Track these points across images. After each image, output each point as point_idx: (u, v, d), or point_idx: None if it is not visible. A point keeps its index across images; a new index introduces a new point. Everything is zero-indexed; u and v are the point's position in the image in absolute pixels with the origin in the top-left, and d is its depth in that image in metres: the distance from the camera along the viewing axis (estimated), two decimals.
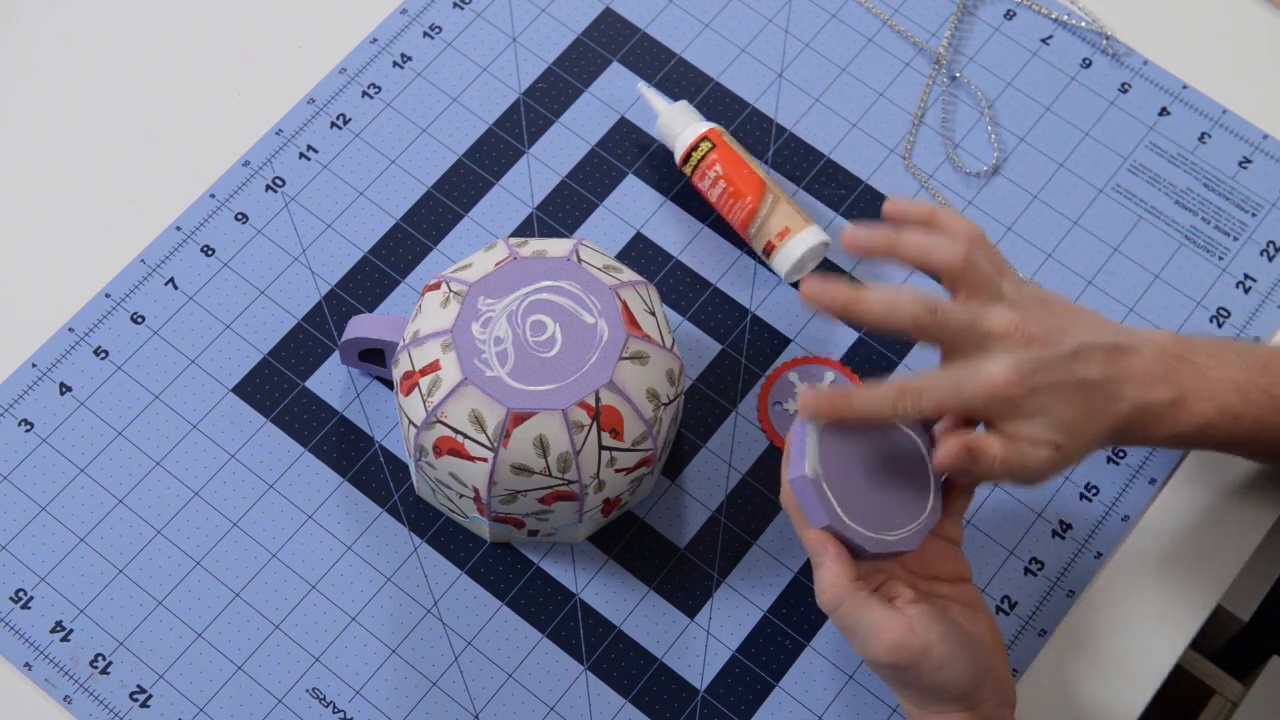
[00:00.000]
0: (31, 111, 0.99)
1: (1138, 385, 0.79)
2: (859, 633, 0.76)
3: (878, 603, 0.75)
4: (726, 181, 0.94)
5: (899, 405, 0.76)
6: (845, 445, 0.78)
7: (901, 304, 0.77)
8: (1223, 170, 0.99)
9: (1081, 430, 0.78)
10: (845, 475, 0.77)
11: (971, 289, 0.79)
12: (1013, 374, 0.76)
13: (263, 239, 0.96)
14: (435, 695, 0.86)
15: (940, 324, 0.77)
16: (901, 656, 0.75)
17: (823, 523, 0.76)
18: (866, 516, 0.77)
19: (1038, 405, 0.77)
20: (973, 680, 0.76)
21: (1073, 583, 0.90)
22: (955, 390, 0.77)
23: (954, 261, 0.78)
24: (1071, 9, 1.04)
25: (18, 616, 0.87)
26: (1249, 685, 0.98)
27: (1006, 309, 0.78)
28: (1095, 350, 0.78)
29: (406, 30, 1.01)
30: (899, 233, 0.79)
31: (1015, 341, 0.77)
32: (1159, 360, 0.80)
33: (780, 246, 0.93)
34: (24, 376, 0.92)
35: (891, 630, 0.75)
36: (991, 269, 0.79)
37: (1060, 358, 0.77)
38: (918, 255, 0.79)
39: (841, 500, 0.77)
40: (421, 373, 0.82)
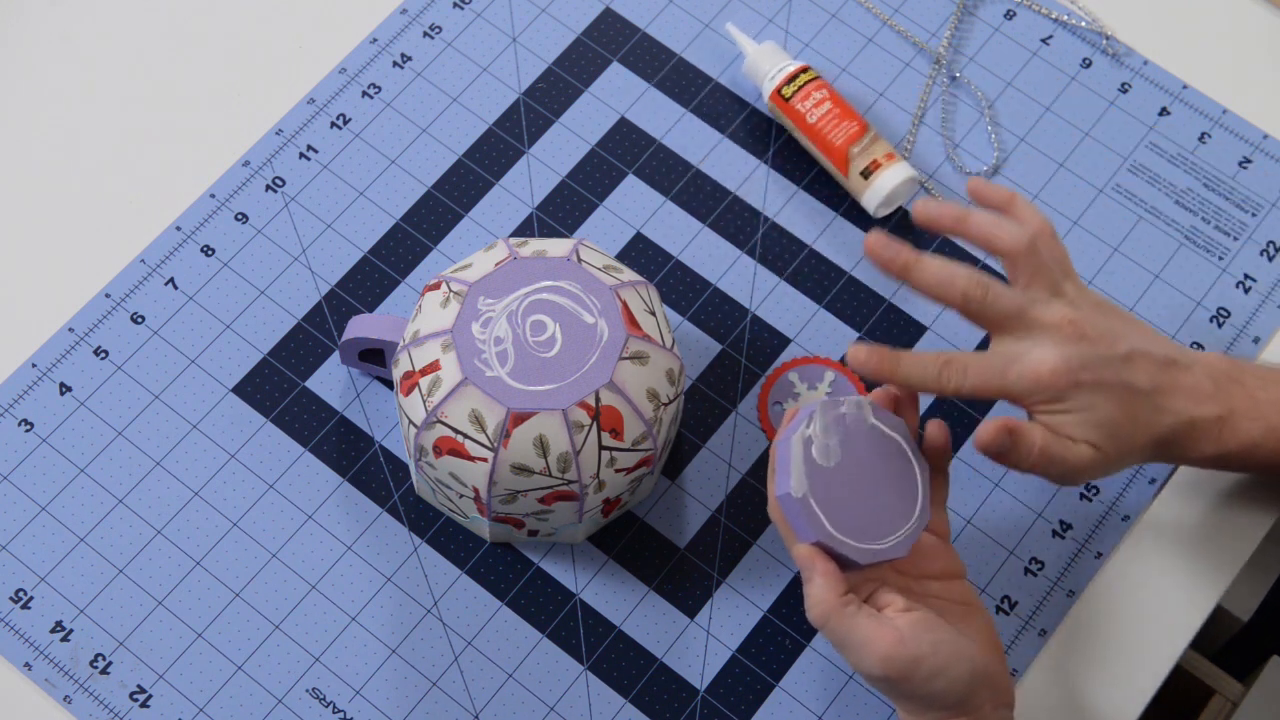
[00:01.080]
0: (31, 111, 0.99)
1: (1185, 399, 0.80)
2: (849, 647, 0.76)
3: (866, 616, 0.75)
4: (833, 104, 0.96)
5: (943, 376, 0.77)
6: (830, 456, 0.78)
7: (956, 278, 0.78)
8: (1223, 170, 0.99)
9: (1123, 436, 0.78)
10: (831, 487, 0.78)
11: (1031, 277, 0.79)
12: (1060, 363, 0.77)
13: (263, 239, 0.96)
14: (435, 695, 0.86)
15: (990, 303, 0.78)
16: (892, 669, 0.75)
17: (811, 539, 0.77)
18: (855, 527, 0.77)
19: (1080, 401, 0.77)
20: (967, 687, 0.75)
21: (1073, 583, 0.90)
22: (1001, 371, 0.77)
23: (1017, 246, 0.79)
24: (1071, 9, 1.04)
25: (18, 616, 0.87)
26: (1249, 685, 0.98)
27: (1063, 304, 0.79)
28: (1147, 358, 0.79)
29: (406, 30, 1.01)
30: (969, 212, 0.80)
31: (1067, 335, 0.78)
32: (1209, 378, 0.81)
33: (885, 168, 0.95)
34: (24, 376, 0.92)
35: (881, 643, 0.74)
36: (1055, 266, 0.80)
37: (1110, 358, 0.78)
38: (983, 235, 0.80)
39: (829, 513, 0.77)
40: (421, 373, 0.82)
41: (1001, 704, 0.78)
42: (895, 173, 0.95)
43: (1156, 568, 0.90)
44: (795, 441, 0.78)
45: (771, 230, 0.97)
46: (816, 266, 0.96)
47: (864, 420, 0.79)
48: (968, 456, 0.92)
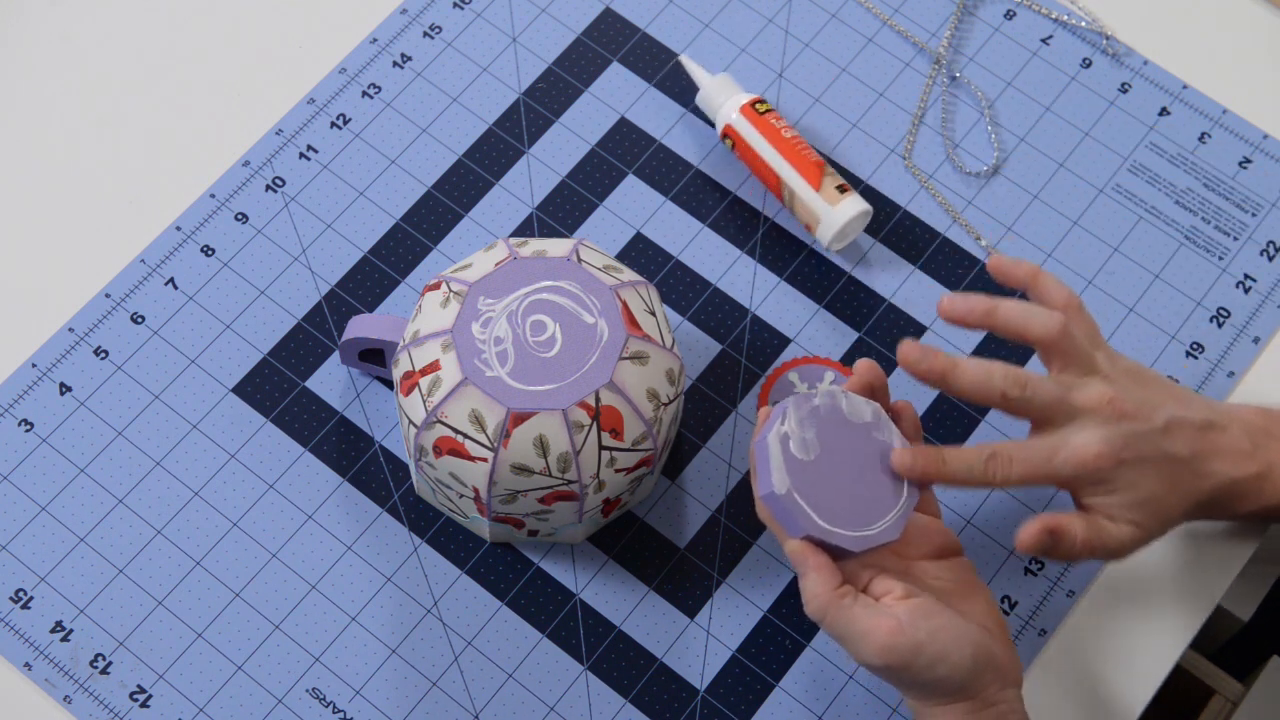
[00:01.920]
0: (31, 111, 0.99)
1: (1225, 461, 0.80)
2: (848, 639, 0.76)
3: (863, 607, 0.76)
4: (754, 173, 0.96)
5: (989, 470, 0.78)
6: (809, 449, 0.78)
7: (993, 378, 0.79)
8: (1223, 170, 0.99)
9: (1164, 506, 0.79)
10: (815, 480, 0.78)
11: (1065, 361, 0.80)
12: (1104, 446, 0.77)
13: (263, 239, 0.96)
14: (435, 695, 0.86)
15: (1030, 399, 0.79)
16: (893, 659, 0.75)
17: (800, 534, 0.77)
18: (843, 516, 0.77)
19: (1124, 479, 0.78)
20: (969, 672, 0.76)
21: (1072, 583, 0.90)
22: (1046, 460, 0.78)
23: (1050, 334, 0.80)
24: (1071, 9, 1.04)
25: (18, 616, 0.87)
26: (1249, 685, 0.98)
27: (1099, 383, 0.79)
28: (1185, 426, 0.80)
29: (406, 30, 1.01)
30: (996, 304, 0.81)
31: (1107, 415, 0.78)
32: (1246, 436, 0.81)
33: (815, 234, 0.95)
34: (24, 376, 0.92)
35: (879, 633, 0.75)
36: (1086, 341, 0.81)
37: (1151, 433, 0.79)
38: (1015, 327, 0.80)
39: (815, 505, 0.77)
40: (421, 373, 0.82)
41: (1008, 684, 0.78)
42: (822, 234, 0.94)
43: (1156, 568, 0.90)
44: (772, 440, 0.78)
45: (771, 230, 0.97)
46: (816, 266, 0.96)
47: (839, 410, 0.80)
48: None
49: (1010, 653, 0.78)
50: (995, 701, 0.77)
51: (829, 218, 0.94)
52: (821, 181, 0.94)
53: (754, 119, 0.96)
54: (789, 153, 0.95)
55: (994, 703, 0.77)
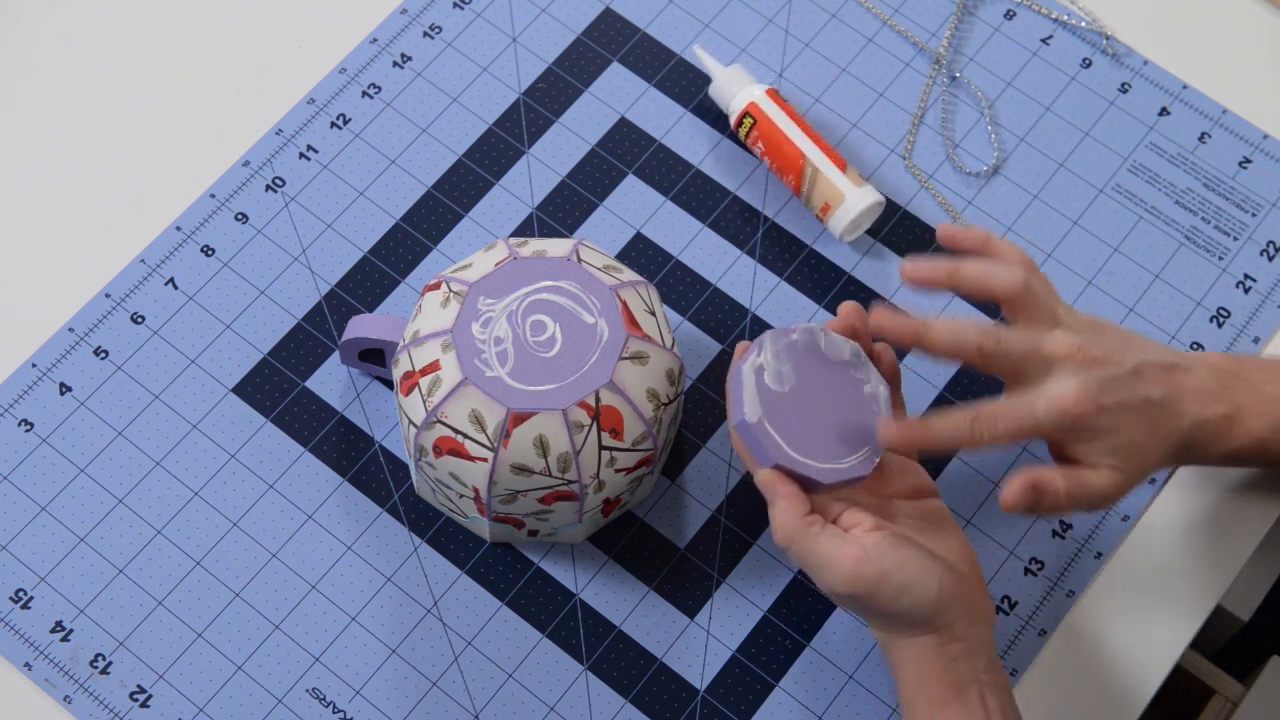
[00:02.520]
0: (31, 111, 0.99)
1: (1193, 402, 0.80)
2: (814, 567, 0.77)
3: (830, 536, 0.77)
4: (770, 158, 0.96)
5: (976, 430, 0.78)
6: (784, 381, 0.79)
7: (966, 334, 0.79)
8: (1223, 170, 0.99)
9: (1143, 450, 0.79)
10: (788, 412, 0.79)
11: (1030, 315, 0.80)
12: (1082, 393, 0.78)
13: (263, 239, 0.96)
14: (435, 695, 0.86)
15: (1004, 351, 0.79)
16: (858, 587, 0.76)
17: (770, 463, 0.78)
18: (815, 448, 0.78)
19: (1105, 424, 0.78)
20: (935, 604, 0.76)
21: (1073, 583, 0.90)
22: (1029, 414, 0.78)
23: (1014, 288, 0.80)
24: (1071, 9, 1.04)
25: (18, 616, 0.87)
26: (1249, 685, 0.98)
27: (1066, 332, 0.80)
28: (1154, 368, 0.80)
29: (406, 30, 1.01)
30: (958, 264, 0.81)
31: (1078, 363, 0.79)
32: (1213, 377, 0.82)
33: (827, 219, 0.95)
34: (24, 376, 0.92)
35: (845, 562, 0.76)
36: (1047, 296, 0.81)
37: (1124, 376, 0.79)
38: (979, 284, 0.81)
39: (788, 436, 0.78)
40: (421, 373, 0.82)
41: (977, 621, 0.78)
42: (835, 222, 0.95)
43: (1156, 568, 0.90)
44: (746, 369, 0.79)
45: (771, 230, 0.97)
46: (816, 266, 0.96)
47: (817, 346, 0.80)
48: (968, 457, 0.92)
49: (982, 592, 0.79)
50: (963, 637, 0.77)
51: (852, 199, 0.94)
52: (846, 166, 0.95)
53: (778, 101, 0.96)
54: (813, 135, 0.95)
55: (961, 638, 0.77)
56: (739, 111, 0.97)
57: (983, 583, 0.80)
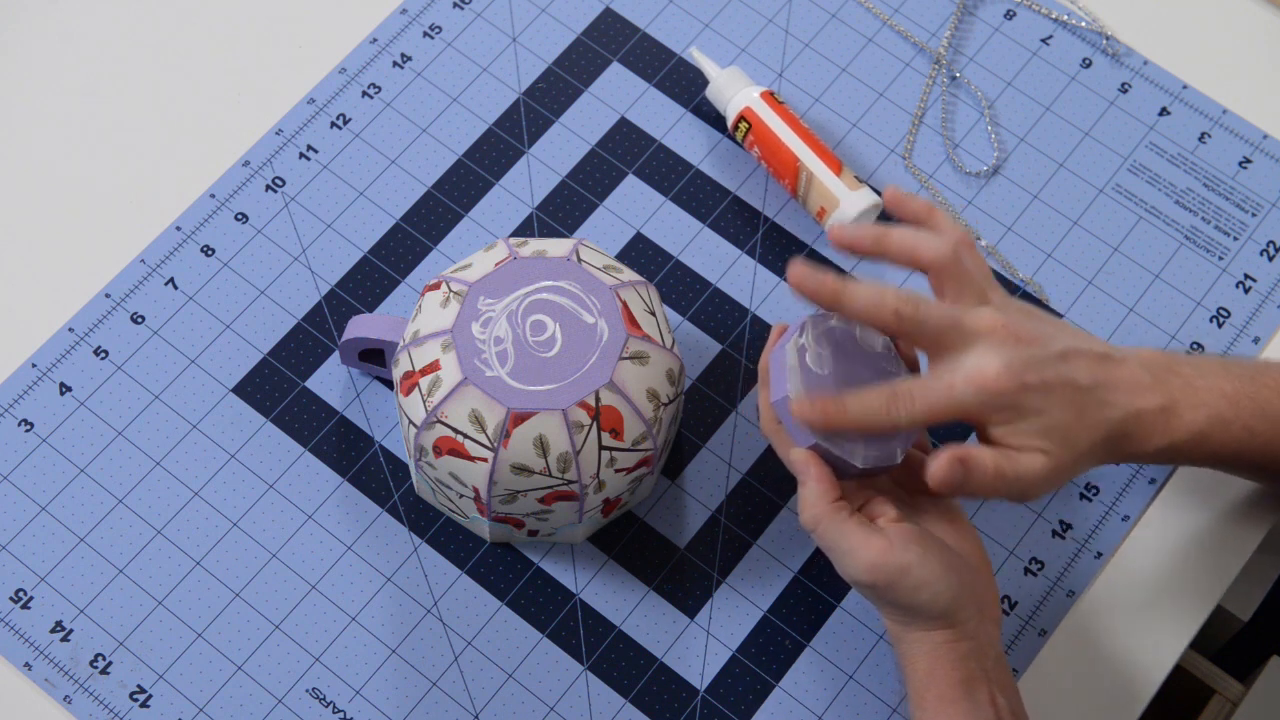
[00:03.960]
0: (31, 111, 0.99)
1: (1127, 393, 0.79)
2: (838, 552, 0.77)
3: (856, 523, 0.77)
4: (766, 162, 0.96)
5: (892, 410, 0.77)
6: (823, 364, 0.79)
7: (885, 297, 0.77)
8: (1223, 170, 0.99)
9: (1073, 437, 0.78)
10: (826, 394, 0.78)
11: (958, 289, 0.79)
12: (1003, 369, 0.76)
13: (263, 239, 0.96)
14: (435, 695, 0.86)
15: (923, 318, 0.77)
16: (879, 577, 0.76)
17: (807, 443, 0.78)
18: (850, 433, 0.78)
19: (1029, 404, 0.77)
20: (953, 600, 0.76)
21: (1073, 583, 0.90)
22: (947, 389, 0.77)
23: (940, 257, 0.78)
24: (1071, 9, 1.04)
25: (18, 616, 0.87)
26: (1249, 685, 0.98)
27: (993, 310, 0.78)
28: (1083, 355, 0.79)
29: (406, 30, 1.01)
30: (887, 230, 0.80)
31: (1002, 339, 0.77)
32: (1145, 369, 0.80)
33: (824, 222, 0.95)
34: (24, 376, 0.92)
35: (869, 551, 0.76)
36: (979, 274, 0.80)
37: (1049, 357, 0.77)
38: (904, 251, 0.79)
39: None
40: (421, 373, 0.82)
41: (988, 619, 0.78)
42: (835, 219, 0.95)
43: (1156, 568, 0.90)
44: (791, 348, 0.79)
45: (771, 230, 0.97)
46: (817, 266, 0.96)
47: (852, 335, 0.80)
48: None
49: (993, 592, 0.79)
50: (974, 635, 0.78)
51: (847, 203, 0.94)
52: (841, 169, 0.95)
53: (774, 105, 0.96)
54: (808, 138, 0.95)
55: (973, 636, 0.78)
56: (735, 115, 0.97)
57: (994, 583, 0.80)
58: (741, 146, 0.99)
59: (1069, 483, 0.89)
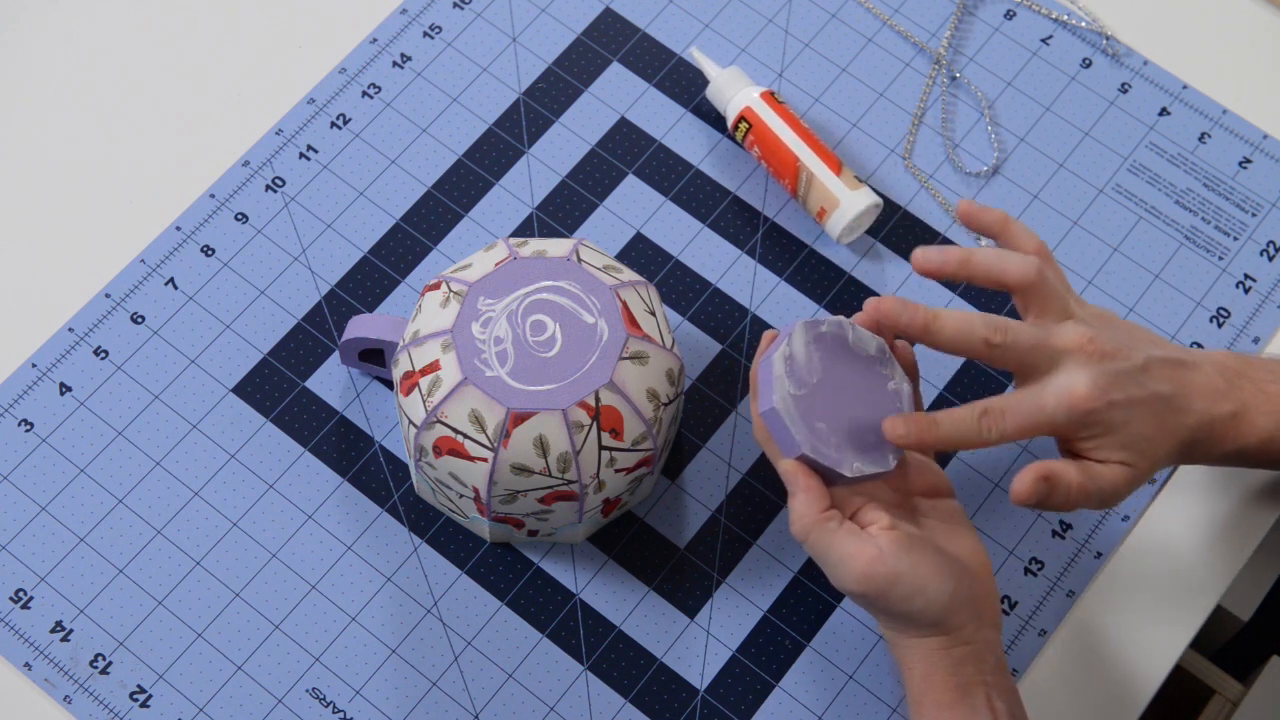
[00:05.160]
0: (31, 111, 0.99)
1: (1202, 399, 0.80)
2: (828, 562, 0.77)
3: (847, 532, 0.76)
4: (766, 162, 0.96)
5: (983, 427, 0.77)
6: (813, 373, 0.79)
7: (974, 326, 0.78)
8: (1223, 170, 0.99)
9: (1153, 446, 0.79)
10: (815, 403, 0.78)
11: (1042, 306, 0.79)
12: (1092, 387, 0.77)
13: (263, 239, 0.96)
14: (435, 695, 0.86)
15: (1011, 344, 0.78)
16: (870, 586, 0.76)
17: (796, 453, 0.77)
18: (840, 441, 0.78)
19: (1115, 419, 0.78)
20: (946, 606, 0.76)
21: (1073, 583, 0.90)
22: (1038, 408, 0.77)
23: (1028, 277, 0.79)
24: (1071, 9, 1.04)
25: (18, 616, 0.87)
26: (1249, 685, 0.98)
27: (1076, 324, 0.79)
28: (1163, 364, 0.79)
29: (406, 30, 1.01)
30: (971, 252, 0.80)
31: (1088, 356, 0.78)
32: (1220, 375, 0.81)
33: (824, 223, 0.95)
34: (24, 376, 0.92)
35: (860, 560, 0.76)
36: (1060, 286, 0.80)
37: (1134, 370, 0.78)
38: (993, 273, 0.79)
39: (814, 428, 0.78)
40: (421, 373, 0.82)
41: (985, 624, 0.78)
42: (832, 225, 0.95)
43: (1156, 568, 0.90)
44: (777, 359, 0.78)
45: (771, 230, 0.97)
46: (816, 267, 0.96)
47: (845, 339, 0.80)
48: (967, 456, 0.92)
49: (992, 595, 0.79)
50: (971, 640, 0.78)
51: (847, 203, 0.94)
52: (841, 169, 0.95)
53: (774, 105, 0.96)
54: (808, 138, 0.95)
55: (969, 641, 0.77)
56: (735, 115, 0.97)
57: (993, 586, 0.80)
58: (741, 146, 0.99)
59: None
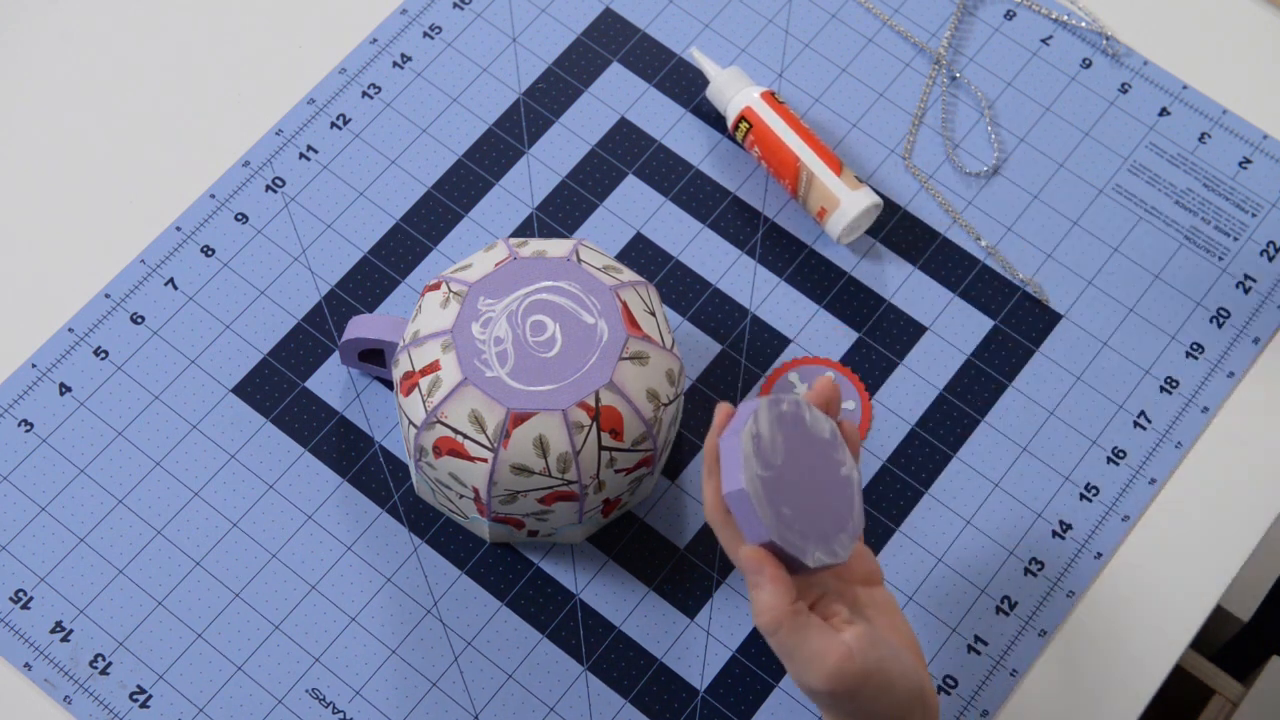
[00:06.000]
0: (31, 111, 0.99)
1: None
2: (797, 658, 0.72)
3: (817, 626, 0.72)
4: (766, 162, 0.96)
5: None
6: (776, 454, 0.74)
7: None
8: (1223, 170, 0.99)
9: None
10: (779, 486, 0.73)
11: None
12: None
13: (263, 239, 0.96)
14: (435, 695, 0.86)
15: None
16: (840, 685, 0.71)
17: (763, 538, 0.72)
18: (803, 529, 0.73)
19: None
20: (905, 706, 0.73)
21: (1073, 583, 0.90)
22: None
23: None
24: (1071, 9, 1.04)
25: (18, 616, 0.87)
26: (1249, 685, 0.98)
27: None
28: None
29: (406, 30, 1.01)
30: None
31: None
32: None
33: (824, 223, 0.95)
34: (24, 376, 0.92)
35: (831, 658, 0.71)
36: None
37: None
38: None
39: (778, 513, 0.73)
40: (421, 373, 0.82)
41: (931, 712, 0.75)
42: (832, 225, 0.95)
43: (1156, 568, 0.90)
44: (745, 437, 0.73)
45: (771, 230, 0.97)
46: (816, 266, 0.96)
47: (803, 419, 0.75)
48: (967, 456, 0.92)
49: (929, 682, 0.76)
50: None
51: (848, 203, 0.94)
52: (841, 169, 0.95)
53: (774, 105, 0.96)
54: (809, 138, 0.95)
55: None
56: (735, 115, 0.97)
57: (929, 675, 0.76)
58: (741, 146, 0.99)
59: (1068, 486, 0.90)
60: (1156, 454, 0.93)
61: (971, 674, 0.88)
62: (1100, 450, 0.92)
